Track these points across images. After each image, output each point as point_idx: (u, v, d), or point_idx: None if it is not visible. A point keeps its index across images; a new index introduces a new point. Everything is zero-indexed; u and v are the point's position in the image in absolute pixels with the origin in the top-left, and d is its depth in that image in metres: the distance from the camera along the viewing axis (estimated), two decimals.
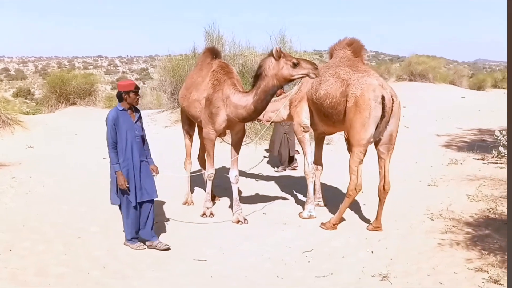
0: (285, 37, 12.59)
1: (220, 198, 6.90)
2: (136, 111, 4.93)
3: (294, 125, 6.23)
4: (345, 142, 5.53)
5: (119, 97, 4.81)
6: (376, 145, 5.38)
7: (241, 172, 7.22)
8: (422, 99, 17.66)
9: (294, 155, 8.92)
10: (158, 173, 5.02)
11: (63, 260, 4.59)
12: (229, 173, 6.06)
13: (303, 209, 6.18)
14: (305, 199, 6.32)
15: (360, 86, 5.20)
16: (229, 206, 6.49)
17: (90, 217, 5.86)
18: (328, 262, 4.69)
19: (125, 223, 4.94)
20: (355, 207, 6.23)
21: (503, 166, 7.68)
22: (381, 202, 5.46)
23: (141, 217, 4.92)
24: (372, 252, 4.88)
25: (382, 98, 5.10)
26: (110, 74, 68.61)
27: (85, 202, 6.40)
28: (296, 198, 6.96)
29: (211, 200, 6.37)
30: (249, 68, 11.79)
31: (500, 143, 8.07)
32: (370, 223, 5.64)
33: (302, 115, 6.05)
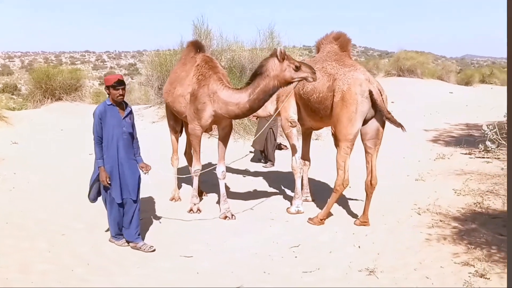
0: (273, 32, 12.54)
1: (207, 194, 6.86)
2: (126, 107, 4.80)
3: (282, 120, 6.19)
4: (332, 137, 5.52)
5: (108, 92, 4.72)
6: (363, 139, 5.38)
7: (228, 168, 7.18)
8: (410, 95, 17.77)
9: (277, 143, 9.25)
10: (148, 169, 4.84)
11: (47, 257, 4.50)
12: (216, 168, 6.02)
13: (291, 204, 6.16)
14: (292, 195, 6.31)
15: (346, 81, 5.19)
16: (216, 202, 6.44)
17: (74, 213, 5.76)
18: (315, 257, 4.69)
19: (109, 220, 4.87)
20: (343, 202, 6.23)
21: (490, 160, 7.74)
22: (368, 197, 5.46)
23: (125, 217, 4.81)
24: (359, 247, 4.89)
25: (370, 93, 5.10)
26: (98, 70, 67.89)
27: (70, 199, 6.30)
28: (283, 194, 6.94)
29: (199, 196, 6.33)
30: (237, 63, 11.72)
31: (487, 138, 8.12)
32: (357, 218, 5.64)
33: (290, 110, 6.02)
